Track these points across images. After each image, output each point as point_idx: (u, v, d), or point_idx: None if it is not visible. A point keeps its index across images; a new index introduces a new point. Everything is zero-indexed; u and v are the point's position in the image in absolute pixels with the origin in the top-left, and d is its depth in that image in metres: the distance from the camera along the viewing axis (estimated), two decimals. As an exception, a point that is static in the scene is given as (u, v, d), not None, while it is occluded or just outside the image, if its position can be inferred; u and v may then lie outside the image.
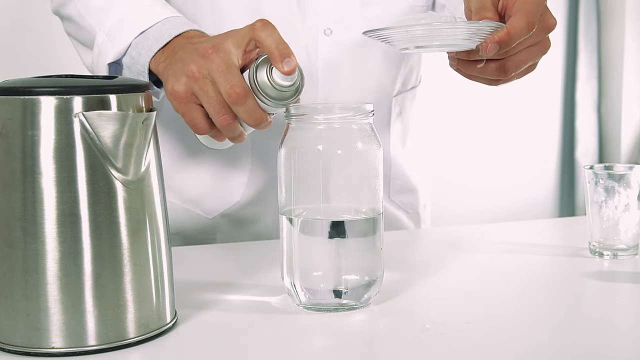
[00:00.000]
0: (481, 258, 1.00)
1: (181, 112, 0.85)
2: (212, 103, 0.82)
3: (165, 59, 0.90)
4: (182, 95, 0.84)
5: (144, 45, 0.92)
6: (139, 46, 0.92)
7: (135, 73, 0.94)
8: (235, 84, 0.80)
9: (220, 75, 0.81)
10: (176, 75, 0.85)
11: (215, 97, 0.82)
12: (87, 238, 0.67)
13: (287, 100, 0.81)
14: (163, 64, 0.90)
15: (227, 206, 1.15)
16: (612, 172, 0.97)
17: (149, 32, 0.93)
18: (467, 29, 0.77)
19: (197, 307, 0.80)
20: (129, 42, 0.93)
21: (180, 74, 0.84)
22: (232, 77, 0.81)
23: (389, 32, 0.78)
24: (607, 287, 0.89)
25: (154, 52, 0.91)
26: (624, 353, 0.70)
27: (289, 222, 0.78)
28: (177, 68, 0.86)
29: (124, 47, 0.94)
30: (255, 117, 0.82)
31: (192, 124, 0.85)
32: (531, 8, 0.82)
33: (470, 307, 0.82)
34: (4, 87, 0.67)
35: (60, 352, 0.67)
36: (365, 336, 0.75)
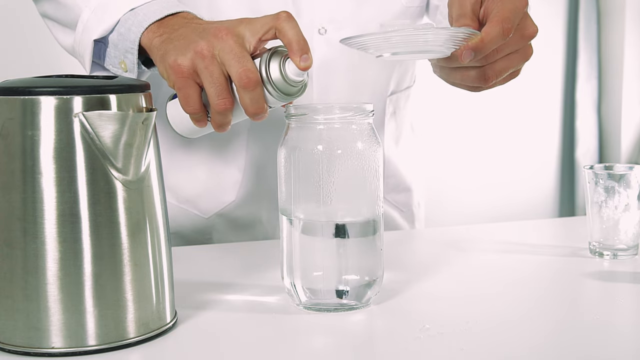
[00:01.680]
0: (481, 258, 1.00)
1: (177, 87, 0.83)
2: (216, 84, 0.81)
3: (162, 33, 0.87)
4: (184, 70, 0.82)
5: (134, 21, 0.89)
6: (128, 22, 0.90)
7: (122, 50, 0.91)
8: (249, 69, 0.79)
9: (233, 58, 0.80)
10: (181, 50, 0.83)
11: (219, 78, 0.81)
12: (87, 238, 0.67)
13: (292, 95, 0.81)
14: (159, 38, 0.87)
15: (222, 206, 1.15)
16: (612, 172, 0.97)
17: (139, 9, 0.90)
18: (441, 35, 0.78)
19: (197, 307, 0.80)
20: (117, 19, 0.90)
21: (187, 49, 0.82)
22: (246, 62, 0.80)
23: (365, 39, 0.78)
24: (607, 287, 0.89)
25: (144, 27, 0.88)
26: (624, 353, 0.70)
27: (289, 222, 0.78)
28: (181, 43, 0.83)
29: (112, 24, 0.91)
30: (258, 105, 0.81)
31: (185, 100, 0.83)
32: (507, 15, 0.82)
33: (470, 307, 0.81)
34: (4, 87, 0.67)
35: (60, 352, 0.67)
36: (365, 336, 0.75)
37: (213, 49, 0.80)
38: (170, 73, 0.83)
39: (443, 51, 0.81)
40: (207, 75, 0.81)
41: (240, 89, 0.80)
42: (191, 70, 0.81)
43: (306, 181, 0.77)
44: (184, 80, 0.82)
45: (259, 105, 0.81)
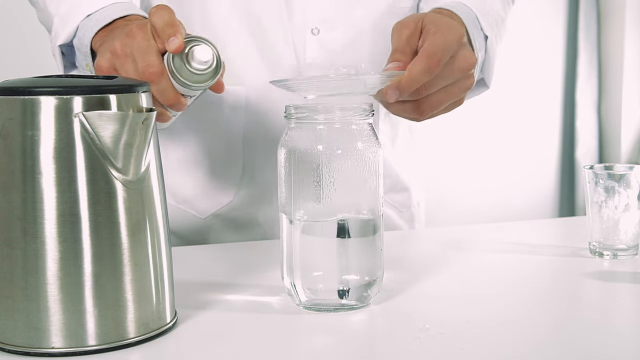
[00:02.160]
0: (481, 258, 1.00)
1: None
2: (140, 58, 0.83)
3: (102, 37, 0.92)
4: (104, 70, 0.85)
5: (88, 26, 0.93)
6: (84, 28, 0.94)
7: (83, 54, 0.95)
8: (150, 64, 0.82)
9: (138, 54, 0.83)
10: (102, 51, 0.87)
11: (133, 74, 0.83)
12: (87, 238, 0.67)
13: (202, 83, 0.83)
14: (98, 44, 0.91)
15: (219, 206, 1.15)
16: (612, 172, 0.97)
17: (95, 15, 0.94)
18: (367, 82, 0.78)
19: (197, 307, 0.80)
20: (77, 25, 0.94)
21: (106, 50, 0.86)
22: (149, 57, 0.82)
23: (291, 83, 0.81)
24: (607, 287, 0.89)
25: (94, 33, 0.92)
26: (624, 353, 0.70)
27: (289, 222, 0.78)
28: (106, 45, 0.88)
29: (72, 30, 0.95)
30: (167, 97, 0.83)
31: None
32: (435, 50, 0.83)
33: (470, 307, 0.81)
34: (4, 87, 0.67)
35: (60, 352, 0.67)
36: (365, 336, 0.75)
37: (125, 47, 0.84)
38: (96, 73, 0.87)
39: (368, 92, 0.82)
40: (123, 72, 0.84)
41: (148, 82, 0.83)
42: (111, 69, 0.85)
43: (306, 181, 0.77)
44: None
45: (168, 96, 0.83)
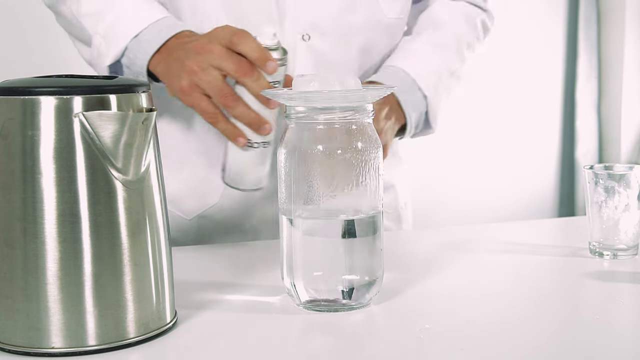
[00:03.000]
0: (481, 258, 1.00)
1: (190, 104, 0.96)
2: (213, 86, 0.94)
3: (161, 60, 0.99)
4: (186, 89, 0.95)
5: (139, 48, 1.01)
6: (134, 50, 1.01)
7: (134, 72, 1.02)
8: (241, 61, 0.93)
9: (224, 60, 0.93)
10: (178, 74, 0.96)
11: (215, 79, 0.94)
12: (87, 238, 0.67)
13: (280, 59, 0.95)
14: (160, 65, 1.00)
15: (205, 207, 1.15)
16: (612, 172, 0.97)
17: (142, 35, 1.01)
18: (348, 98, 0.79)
19: (197, 307, 0.80)
20: (124, 46, 1.02)
21: (181, 71, 0.95)
22: (236, 57, 0.93)
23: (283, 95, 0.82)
24: (607, 287, 0.89)
25: (149, 56, 1.00)
26: (624, 353, 0.70)
27: (289, 222, 0.78)
28: (176, 67, 0.96)
29: (120, 50, 1.02)
30: (263, 85, 0.94)
31: (202, 111, 0.96)
32: None
33: (470, 307, 0.82)
34: (4, 87, 0.67)
35: (60, 352, 0.67)
36: (365, 336, 0.75)
37: (201, 63, 0.94)
38: (180, 96, 0.97)
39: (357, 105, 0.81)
40: (205, 84, 0.94)
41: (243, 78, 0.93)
42: (192, 85, 0.95)
43: (306, 181, 0.77)
44: (191, 96, 0.95)
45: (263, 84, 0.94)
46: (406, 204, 1.30)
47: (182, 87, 0.95)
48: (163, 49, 1.00)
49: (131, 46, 1.01)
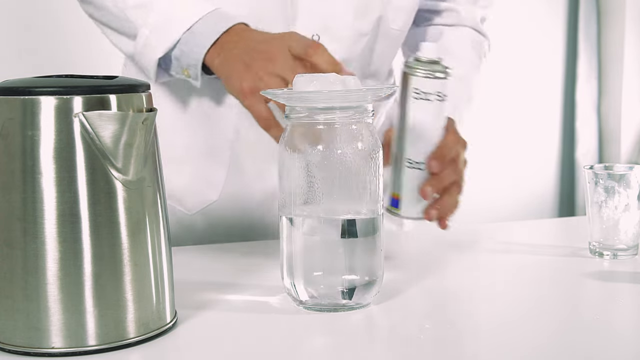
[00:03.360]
0: (481, 258, 1.00)
1: (247, 106, 0.96)
2: None
3: (218, 54, 0.99)
4: (247, 92, 0.95)
5: (194, 42, 1.00)
6: (189, 43, 1.01)
7: (185, 64, 1.02)
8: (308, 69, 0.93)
9: (293, 71, 0.92)
10: (240, 75, 0.96)
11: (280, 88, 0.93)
12: (87, 238, 0.67)
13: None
14: (218, 59, 0.99)
15: (205, 204, 1.15)
16: (612, 172, 0.97)
17: (196, 28, 1.01)
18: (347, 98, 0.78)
19: (197, 307, 0.80)
20: (177, 38, 1.01)
21: (245, 72, 0.96)
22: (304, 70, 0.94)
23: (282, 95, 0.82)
24: (607, 287, 0.89)
25: (206, 49, 1.00)
26: (624, 353, 0.70)
27: (289, 222, 0.78)
28: (239, 67, 0.96)
29: (172, 43, 1.01)
30: None
31: (258, 115, 0.96)
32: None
33: (470, 307, 0.82)
34: (4, 87, 0.67)
35: (60, 352, 0.67)
36: (365, 336, 0.75)
37: (268, 69, 0.94)
38: (238, 97, 0.97)
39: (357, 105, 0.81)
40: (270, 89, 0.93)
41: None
42: (254, 89, 0.95)
43: (306, 181, 0.77)
44: (251, 99, 0.95)
45: None
46: None
47: (243, 89, 0.95)
48: (218, 42, 1.00)
49: (184, 39, 1.01)
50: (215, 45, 1.00)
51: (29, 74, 0.76)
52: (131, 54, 1.07)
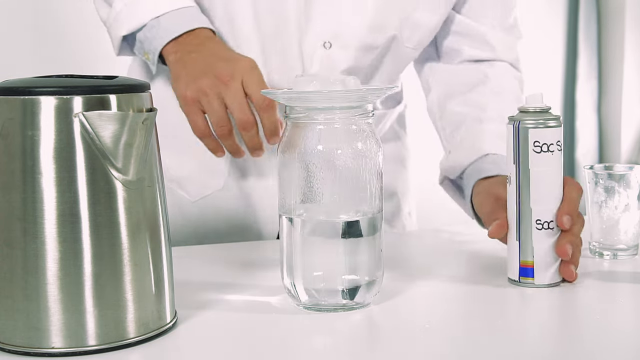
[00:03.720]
0: (481, 257, 1.00)
1: (185, 112, 0.99)
2: (215, 115, 0.97)
3: (175, 52, 1.02)
4: (189, 101, 0.98)
5: (157, 31, 1.03)
6: (153, 31, 1.03)
7: (146, 48, 1.04)
8: (248, 116, 0.96)
9: (235, 104, 0.96)
10: (188, 82, 0.98)
11: (219, 111, 0.97)
12: (87, 238, 0.67)
13: None
14: (173, 56, 1.02)
15: (208, 191, 1.15)
16: (612, 172, 0.97)
17: (163, 19, 1.03)
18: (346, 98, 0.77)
19: (197, 307, 0.80)
20: (144, 22, 1.03)
21: (193, 82, 0.98)
22: (246, 109, 0.96)
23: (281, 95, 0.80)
24: (607, 287, 0.89)
25: (165, 42, 1.02)
26: (624, 353, 0.70)
27: (289, 222, 0.78)
28: (189, 73, 0.98)
29: (138, 25, 1.04)
30: (254, 143, 0.99)
31: (194, 125, 0.99)
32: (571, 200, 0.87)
33: (471, 307, 0.82)
34: (4, 87, 0.67)
35: (60, 352, 0.67)
36: (365, 336, 0.75)
37: (215, 89, 0.96)
38: (179, 100, 1.00)
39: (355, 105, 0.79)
40: (210, 108, 0.97)
41: (242, 131, 0.97)
42: (195, 100, 0.98)
43: (306, 181, 0.77)
44: (190, 108, 0.99)
45: (255, 142, 0.99)
46: (410, 213, 1.30)
47: (185, 96, 0.98)
48: (179, 39, 1.02)
49: (150, 25, 1.03)
50: (175, 41, 1.02)
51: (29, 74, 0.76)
52: (104, 21, 1.09)
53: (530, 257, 0.85)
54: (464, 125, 1.12)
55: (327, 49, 1.08)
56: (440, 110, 1.18)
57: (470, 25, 1.16)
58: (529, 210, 0.84)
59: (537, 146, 0.84)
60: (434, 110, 1.19)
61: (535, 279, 0.85)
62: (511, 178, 0.85)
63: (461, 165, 1.09)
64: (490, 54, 1.17)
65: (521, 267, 0.85)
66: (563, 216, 0.84)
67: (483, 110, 1.12)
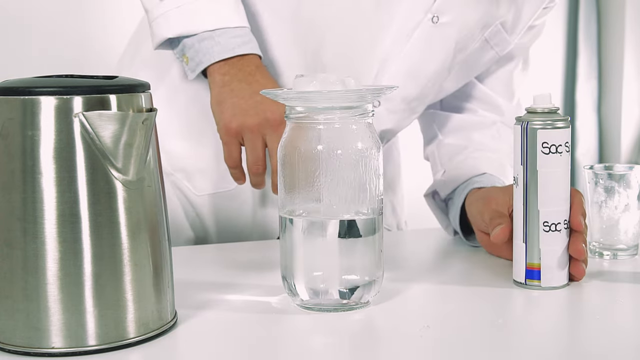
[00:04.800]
0: (481, 257, 1.00)
1: (223, 141, 1.01)
2: (255, 154, 0.99)
3: (223, 74, 1.01)
4: (232, 132, 0.99)
5: (208, 47, 1.01)
6: (204, 43, 1.01)
7: (189, 55, 1.02)
8: None
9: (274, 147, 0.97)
10: (235, 114, 0.99)
11: (259, 151, 0.99)
12: (87, 238, 0.67)
13: None
14: (221, 78, 1.01)
15: (217, 190, 1.14)
16: (612, 172, 0.97)
17: (217, 35, 1.01)
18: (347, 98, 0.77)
19: (197, 307, 0.80)
20: (196, 32, 1.01)
21: (241, 115, 0.98)
22: None
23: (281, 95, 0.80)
24: (607, 287, 0.89)
25: (214, 61, 1.01)
26: (624, 353, 0.70)
27: (289, 222, 0.78)
28: (237, 105, 0.99)
29: (189, 32, 1.01)
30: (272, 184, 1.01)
31: (229, 155, 1.01)
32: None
33: (471, 307, 0.82)
34: (4, 87, 0.67)
35: (60, 352, 0.67)
36: (365, 336, 0.75)
37: (262, 129, 0.98)
38: (220, 128, 1.00)
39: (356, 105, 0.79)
40: (250, 145, 0.99)
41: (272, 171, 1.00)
42: (239, 134, 0.99)
43: (306, 181, 0.77)
44: (231, 138, 1.00)
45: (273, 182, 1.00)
46: (407, 223, 1.33)
47: (229, 127, 0.99)
48: (229, 61, 1.01)
49: (202, 37, 1.01)
50: (225, 61, 1.01)
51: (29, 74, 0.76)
52: (147, 9, 1.05)
53: (537, 260, 0.84)
54: (462, 152, 1.15)
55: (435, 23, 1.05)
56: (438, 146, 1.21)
57: (487, 93, 1.21)
58: (537, 212, 0.84)
59: (545, 147, 0.83)
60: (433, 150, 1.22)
61: (542, 281, 0.85)
62: (518, 179, 0.85)
63: (456, 182, 1.10)
64: (499, 117, 1.21)
65: (527, 269, 0.85)
66: (577, 217, 0.84)
67: (482, 148, 1.15)
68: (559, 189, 0.84)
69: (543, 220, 0.84)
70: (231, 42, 1.01)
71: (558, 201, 0.84)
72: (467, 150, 1.15)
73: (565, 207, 0.84)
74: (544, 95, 0.84)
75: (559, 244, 0.84)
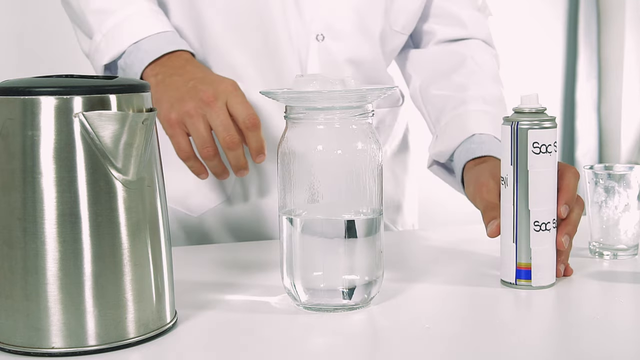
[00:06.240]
0: (481, 258, 1.00)
1: (169, 135, 0.99)
2: (200, 137, 0.97)
3: (155, 74, 1.02)
4: (174, 123, 0.98)
5: (136, 56, 1.03)
6: (132, 56, 1.03)
7: (128, 75, 1.04)
8: (233, 135, 0.96)
9: (220, 125, 0.96)
10: (172, 105, 0.99)
11: (203, 132, 0.97)
12: (87, 238, 0.67)
13: None
14: (154, 78, 1.02)
15: (212, 205, 1.15)
16: (612, 172, 0.97)
17: (142, 44, 1.03)
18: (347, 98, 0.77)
19: (197, 307, 0.80)
20: (123, 49, 1.04)
21: (177, 104, 0.98)
22: (231, 129, 0.96)
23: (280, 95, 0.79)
24: (607, 287, 0.89)
25: (145, 65, 1.03)
26: (624, 353, 0.70)
27: (289, 222, 0.78)
28: (172, 96, 0.99)
29: (118, 53, 1.04)
30: (240, 163, 0.99)
31: (178, 147, 0.99)
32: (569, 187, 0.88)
33: (471, 307, 0.82)
34: (4, 87, 0.67)
35: (60, 352, 0.67)
36: (365, 336, 0.75)
37: (199, 110, 0.97)
38: (163, 123, 0.99)
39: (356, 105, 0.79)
40: (194, 130, 0.98)
41: (227, 150, 0.97)
42: (180, 122, 0.98)
43: (306, 181, 0.77)
44: (174, 130, 0.99)
45: (240, 162, 0.99)
46: (414, 225, 1.32)
47: (169, 119, 0.98)
48: (159, 62, 1.02)
49: (129, 51, 1.03)
50: (155, 63, 1.02)
51: (29, 74, 0.76)
52: (86, 54, 1.10)
53: (527, 259, 0.85)
54: (447, 109, 1.15)
55: (320, 41, 1.08)
56: (423, 97, 1.20)
57: (444, 7, 1.20)
58: (527, 212, 0.84)
59: (536, 147, 0.83)
60: (417, 97, 1.21)
61: (533, 280, 0.85)
62: (507, 180, 0.85)
63: (449, 149, 1.11)
64: (463, 31, 1.20)
65: (517, 269, 0.85)
66: (561, 206, 0.86)
67: (464, 91, 1.14)
68: (548, 189, 0.84)
69: (534, 220, 0.84)
70: (156, 45, 1.03)
71: (548, 200, 0.84)
72: (450, 105, 1.14)
73: (553, 206, 0.85)
74: (531, 95, 0.85)
75: (549, 242, 0.85)
